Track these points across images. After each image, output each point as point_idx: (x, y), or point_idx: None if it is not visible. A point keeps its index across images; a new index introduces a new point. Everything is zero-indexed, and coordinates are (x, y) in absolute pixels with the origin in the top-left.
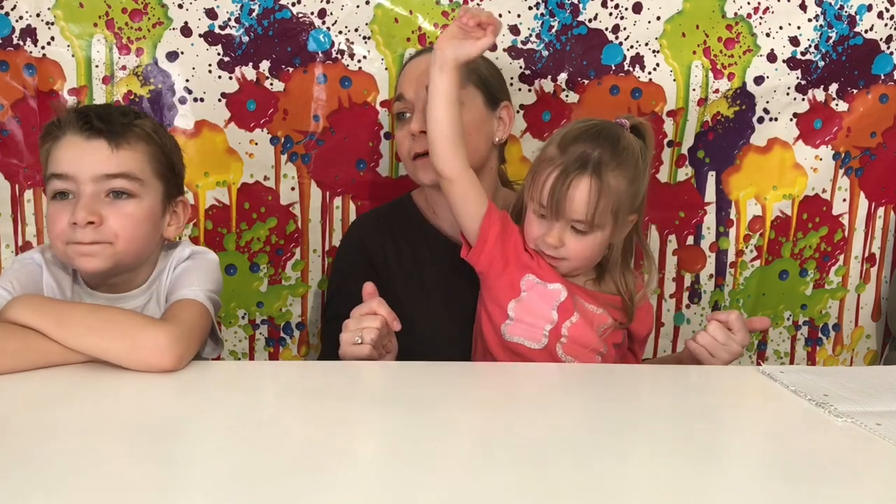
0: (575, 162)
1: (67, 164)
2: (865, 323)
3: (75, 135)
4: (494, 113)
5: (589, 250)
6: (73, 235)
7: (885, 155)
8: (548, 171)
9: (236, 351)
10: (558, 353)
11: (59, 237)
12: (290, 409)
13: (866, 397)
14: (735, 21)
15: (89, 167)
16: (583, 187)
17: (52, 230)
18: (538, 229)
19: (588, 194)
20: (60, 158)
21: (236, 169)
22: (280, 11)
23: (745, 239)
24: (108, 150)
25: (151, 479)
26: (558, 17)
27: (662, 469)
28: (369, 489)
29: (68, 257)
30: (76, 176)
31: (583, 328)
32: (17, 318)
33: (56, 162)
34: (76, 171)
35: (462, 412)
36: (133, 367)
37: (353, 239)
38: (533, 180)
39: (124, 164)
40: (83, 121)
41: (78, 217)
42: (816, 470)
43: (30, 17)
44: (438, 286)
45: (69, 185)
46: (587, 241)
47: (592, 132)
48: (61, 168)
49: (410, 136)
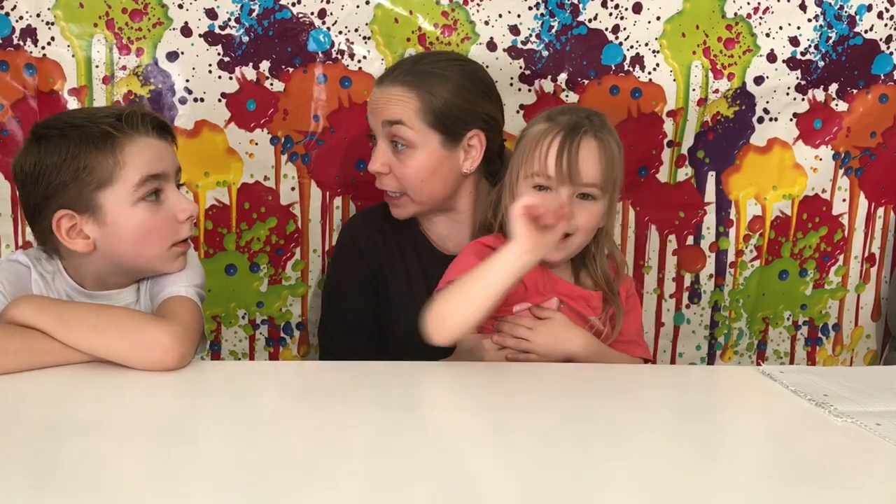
0: (575, 127)
1: (162, 163)
2: (865, 323)
3: (150, 136)
4: (458, 146)
5: (594, 222)
6: (181, 233)
7: (885, 155)
8: (548, 141)
9: (236, 351)
10: None
11: (167, 239)
12: (290, 408)
13: (866, 397)
14: (735, 21)
15: (174, 162)
16: (591, 147)
17: (156, 234)
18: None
19: (597, 153)
20: (152, 158)
21: (236, 169)
22: (280, 11)
23: (744, 239)
24: (173, 149)
25: (152, 478)
26: (558, 18)
27: (662, 469)
28: (368, 489)
29: (165, 261)
30: (168, 174)
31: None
32: (19, 318)
33: (148, 163)
34: (167, 169)
35: (461, 412)
36: (136, 365)
37: (346, 240)
38: (530, 155)
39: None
40: (157, 124)
41: (194, 211)
42: (816, 470)
43: (30, 17)
44: (426, 291)
45: (162, 183)
46: (593, 210)
47: (575, 107)
48: (158, 168)
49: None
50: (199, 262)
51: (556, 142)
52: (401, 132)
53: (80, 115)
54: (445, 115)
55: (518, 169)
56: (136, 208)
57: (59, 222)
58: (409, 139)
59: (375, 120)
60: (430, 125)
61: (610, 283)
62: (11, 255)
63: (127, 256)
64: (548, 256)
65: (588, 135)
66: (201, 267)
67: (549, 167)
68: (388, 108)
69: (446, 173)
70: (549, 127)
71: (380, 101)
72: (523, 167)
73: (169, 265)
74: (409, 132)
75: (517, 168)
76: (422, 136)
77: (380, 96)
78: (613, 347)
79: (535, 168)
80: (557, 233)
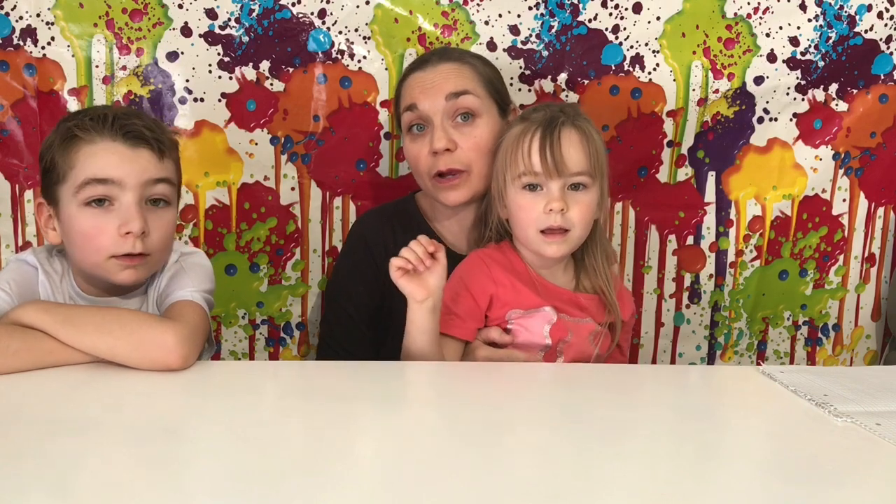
0: (551, 121)
1: (113, 169)
2: (865, 323)
3: (116, 141)
4: (505, 119)
5: (589, 213)
6: (121, 248)
7: (885, 155)
8: (528, 139)
9: (236, 351)
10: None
11: (103, 250)
12: (290, 409)
13: (866, 397)
14: (735, 21)
15: (139, 173)
16: (572, 136)
17: (92, 242)
18: (533, 203)
19: (579, 140)
20: (102, 164)
21: (236, 169)
22: (280, 11)
23: (744, 239)
24: (155, 159)
25: (152, 478)
26: (558, 18)
27: (662, 469)
28: (369, 489)
29: (106, 271)
30: (123, 181)
31: (577, 346)
32: (22, 318)
33: (95, 166)
34: (124, 176)
35: (461, 412)
36: (139, 365)
37: (356, 236)
38: (512, 157)
39: (168, 170)
40: (126, 129)
41: (134, 227)
42: (816, 470)
43: (30, 17)
44: None
45: (111, 190)
46: (586, 200)
47: (548, 104)
48: (106, 173)
49: (431, 154)
50: (210, 268)
51: (537, 137)
52: (467, 102)
53: (78, 112)
54: (496, 84)
55: (503, 175)
56: (80, 211)
57: (40, 208)
58: (476, 108)
59: (433, 99)
60: (490, 94)
61: (610, 292)
62: (21, 255)
63: (76, 258)
64: (550, 253)
65: (566, 125)
66: (212, 273)
67: (535, 164)
68: (450, 80)
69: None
70: (525, 126)
71: (435, 79)
72: (509, 171)
73: (112, 276)
74: (475, 101)
75: (502, 174)
76: (486, 105)
77: (433, 75)
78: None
79: (520, 168)
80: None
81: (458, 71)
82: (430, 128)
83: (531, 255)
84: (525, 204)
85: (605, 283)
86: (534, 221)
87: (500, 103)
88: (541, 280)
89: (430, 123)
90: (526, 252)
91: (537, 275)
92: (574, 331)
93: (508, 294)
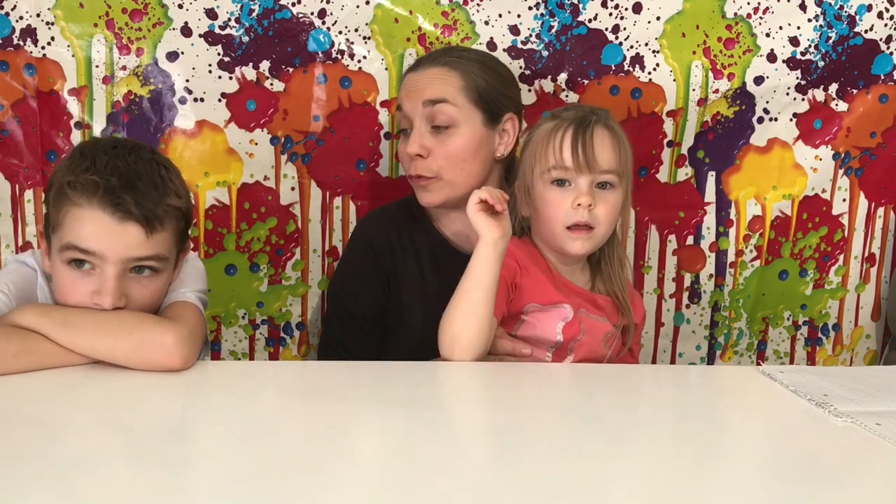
0: (584, 119)
1: (95, 242)
2: (865, 323)
3: (105, 213)
4: (496, 128)
5: (614, 212)
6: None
7: (885, 155)
8: (560, 134)
9: (236, 351)
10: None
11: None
12: (290, 409)
13: (866, 397)
14: (735, 21)
15: (122, 250)
16: (604, 135)
17: (68, 297)
18: (561, 198)
19: (610, 140)
20: (85, 233)
21: (236, 169)
22: (280, 11)
23: (744, 239)
24: (142, 236)
25: (152, 478)
26: (558, 18)
27: (662, 469)
28: (369, 489)
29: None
30: (104, 255)
31: (589, 346)
32: (20, 321)
33: (78, 234)
34: (105, 250)
35: (462, 412)
36: (139, 366)
37: (360, 237)
38: (543, 152)
39: (157, 246)
40: (115, 202)
41: (105, 302)
42: (816, 470)
43: (30, 17)
44: (440, 289)
45: (92, 258)
46: (612, 200)
47: (578, 105)
48: (87, 244)
49: (408, 156)
50: (203, 269)
51: (570, 133)
52: (444, 110)
53: (85, 155)
54: (487, 92)
55: (532, 169)
56: (61, 266)
57: (41, 237)
58: (453, 117)
59: (413, 102)
60: (474, 102)
61: (624, 296)
62: (20, 256)
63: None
64: (574, 250)
65: (599, 124)
66: (204, 271)
67: (566, 158)
68: (431, 86)
69: (484, 155)
70: (557, 123)
71: (419, 82)
72: (538, 165)
73: None
74: (452, 110)
75: (530, 168)
76: (465, 114)
77: (419, 78)
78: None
79: (551, 162)
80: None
81: (442, 77)
82: (411, 130)
83: (552, 254)
84: (553, 199)
85: (620, 288)
86: (561, 216)
87: (489, 112)
88: (561, 277)
89: (411, 126)
90: (546, 250)
91: (557, 272)
92: (589, 330)
93: (531, 284)
